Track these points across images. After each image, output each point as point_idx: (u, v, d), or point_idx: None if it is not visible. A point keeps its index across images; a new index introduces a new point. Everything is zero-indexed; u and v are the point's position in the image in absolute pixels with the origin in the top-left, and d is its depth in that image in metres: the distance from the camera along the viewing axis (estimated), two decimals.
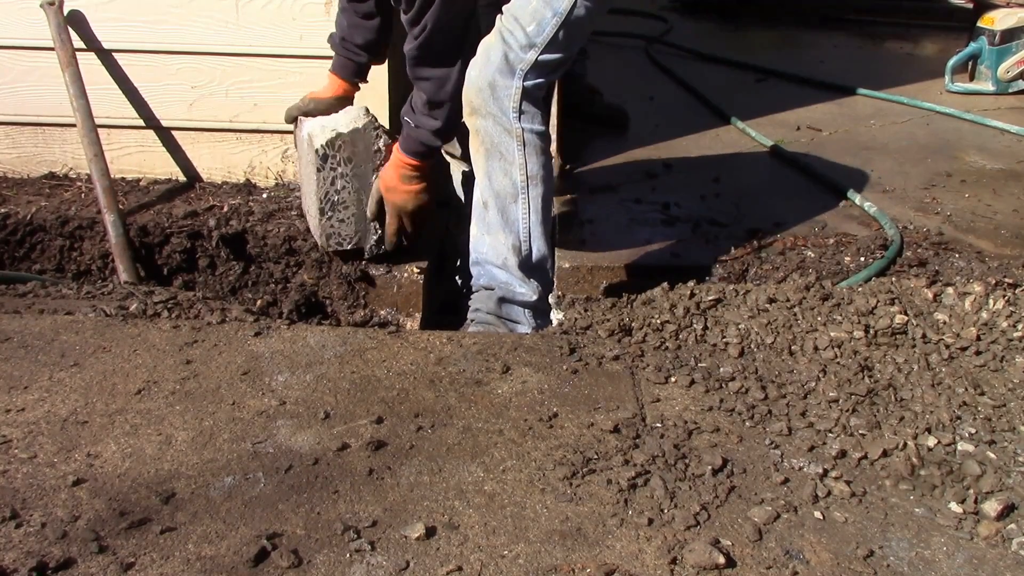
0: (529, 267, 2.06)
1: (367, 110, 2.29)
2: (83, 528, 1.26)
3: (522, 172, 2.00)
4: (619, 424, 1.54)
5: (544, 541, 1.28)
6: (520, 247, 2.04)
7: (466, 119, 2.03)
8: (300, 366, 1.72)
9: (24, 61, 2.63)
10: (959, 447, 1.53)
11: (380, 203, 2.24)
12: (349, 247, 2.33)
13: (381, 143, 2.26)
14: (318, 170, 2.25)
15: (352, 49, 2.27)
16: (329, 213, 2.29)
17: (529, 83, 1.96)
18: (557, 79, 2.07)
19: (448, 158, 2.70)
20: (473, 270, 2.13)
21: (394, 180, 2.19)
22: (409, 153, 2.15)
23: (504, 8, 1.98)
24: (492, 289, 2.09)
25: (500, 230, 2.05)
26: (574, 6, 1.92)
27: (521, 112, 1.97)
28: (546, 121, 2.06)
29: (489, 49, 1.97)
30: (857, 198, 2.76)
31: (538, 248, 2.06)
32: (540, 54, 1.94)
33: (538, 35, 1.93)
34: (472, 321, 2.10)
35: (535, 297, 2.08)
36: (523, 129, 1.97)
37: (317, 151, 2.23)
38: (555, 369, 1.73)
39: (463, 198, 2.37)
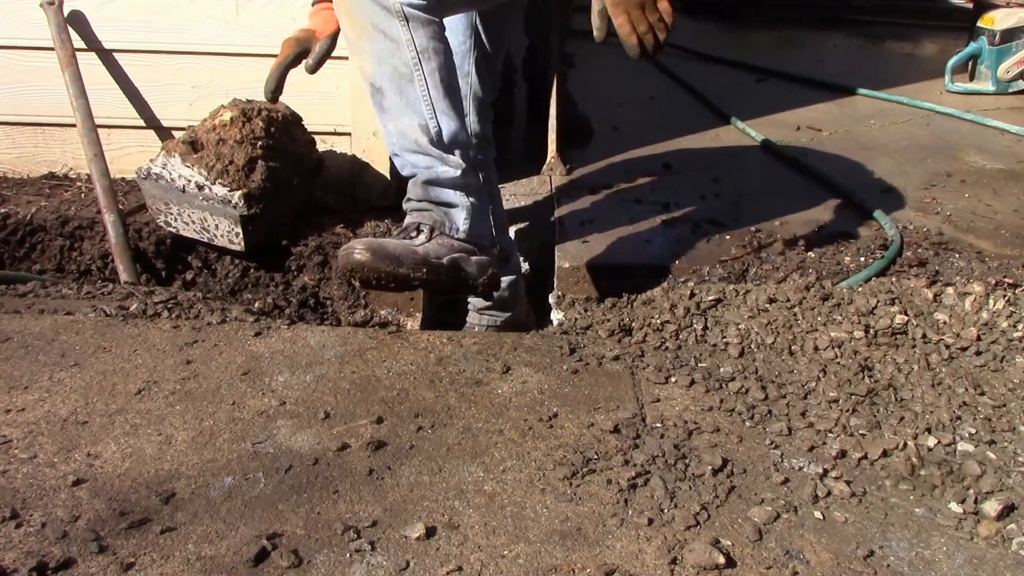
0: (444, 145, 1.88)
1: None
2: (83, 528, 1.26)
3: (411, 49, 1.81)
4: (619, 424, 1.54)
5: (544, 541, 1.28)
6: (428, 126, 1.86)
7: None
8: (300, 366, 1.72)
9: (24, 61, 2.63)
10: (959, 447, 1.53)
11: (606, 16, 1.71)
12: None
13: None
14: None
15: None
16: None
17: None
18: None
19: None
20: (395, 162, 1.97)
21: None
22: None
23: None
24: (415, 175, 1.92)
25: (403, 113, 1.87)
26: None
27: None
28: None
29: None
30: (857, 198, 2.75)
31: (447, 125, 1.87)
32: None
33: None
34: (408, 212, 1.95)
35: (459, 172, 1.90)
36: (402, 4, 1.77)
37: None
38: (555, 369, 1.73)
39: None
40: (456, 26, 2.04)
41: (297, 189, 2.45)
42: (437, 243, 1.88)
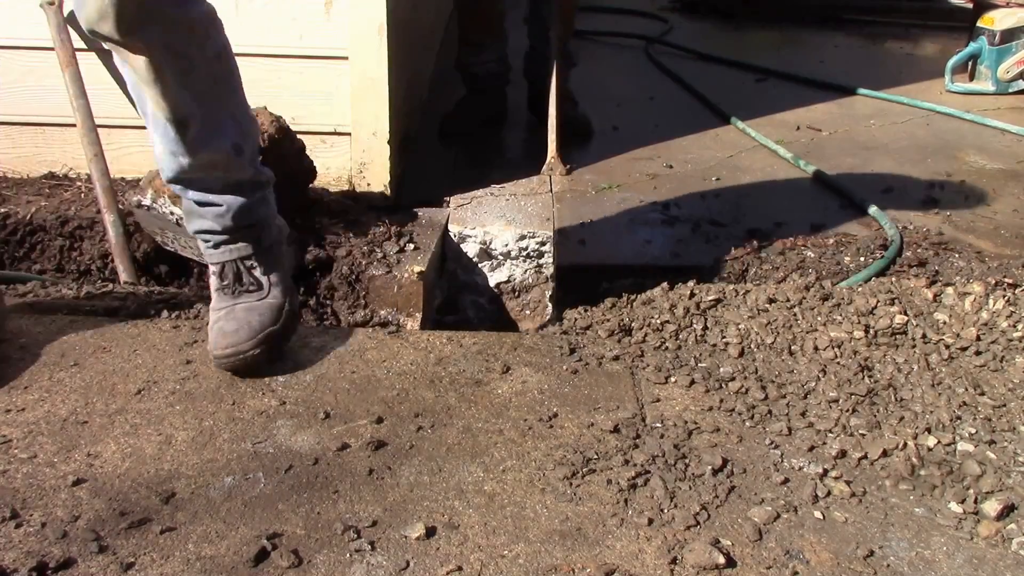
0: (253, 156, 1.70)
1: None
2: (83, 528, 1.26)
3: (215, 50, 1.62)
4: (619, 424, 1.54)
5: (544, 541, 1.28)
6: (246, 133, 1.66)
7: (121, 38, 1.47)
8: (300, 366, 1.72)
9: (24, 61, 2.63)
10: (959, 447, 1.53)
11: None
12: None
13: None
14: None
15: None
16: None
17: None
18: None
19: None
20: (192, 198, 1.67)
21: None
22: None
23: None
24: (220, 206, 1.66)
25: (212, 136, 1.59)
26: None
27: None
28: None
29: None
30: (857, 198, 2.76)
31: (254, 129, 1.71)
32: None
33: None
34: (218, 250, 1.71)
35: (264, 180, 1.73)
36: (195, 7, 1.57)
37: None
38: (555, 369, 1.73)
39: None
40: None
41: (287, 209, 2.44)
42: (279, 277, 1.73)
